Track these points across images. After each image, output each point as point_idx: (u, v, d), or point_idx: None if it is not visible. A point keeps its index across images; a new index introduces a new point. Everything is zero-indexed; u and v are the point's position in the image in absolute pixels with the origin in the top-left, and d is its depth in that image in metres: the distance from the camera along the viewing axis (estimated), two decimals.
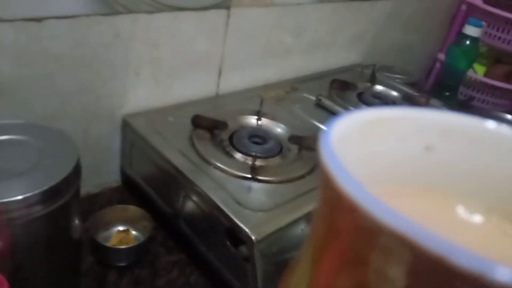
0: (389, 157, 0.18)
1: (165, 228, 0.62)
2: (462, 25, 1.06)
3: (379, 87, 0.92)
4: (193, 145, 0.60)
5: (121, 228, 0.60)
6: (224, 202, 0.50)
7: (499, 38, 1.16)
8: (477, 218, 0.18)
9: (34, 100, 0.54)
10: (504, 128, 0.18)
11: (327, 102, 0.78)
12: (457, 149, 0.18)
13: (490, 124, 0.18)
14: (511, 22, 1.11)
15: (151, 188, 0.63)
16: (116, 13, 0.56)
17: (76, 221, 0.48)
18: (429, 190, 0.18)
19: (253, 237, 0.47)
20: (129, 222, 0.61)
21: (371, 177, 0.16)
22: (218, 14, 0.67)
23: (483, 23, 1.02)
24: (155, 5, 0.58)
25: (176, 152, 0.58)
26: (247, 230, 0.47)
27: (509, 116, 1.09)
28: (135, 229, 0.61)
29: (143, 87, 0.64)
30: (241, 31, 0.72)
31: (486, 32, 1.17)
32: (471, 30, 1.02)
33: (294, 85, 0.85)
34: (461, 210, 0.18)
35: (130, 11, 0.57)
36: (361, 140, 0.16)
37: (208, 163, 0.57)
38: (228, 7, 0.67)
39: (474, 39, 1.03)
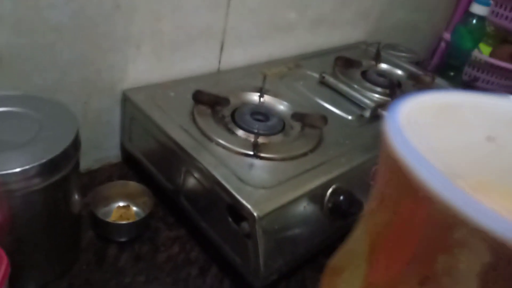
0: (454, 146, 0.16)
1: (166, 204, 0.61)
2: (469, 4, 1.04)
3: (383, 65, 0.90)
4: (194, 121, 0.59)
5: (121, 203, 0.60)
6: (226, 179, 0.50)
7: (507, 17, 1.13)
8: None
9: (34, 71, 0.53)
10: None
11: (331, 80, 0.77)
12: None
13: None
14: None
15: (151, 163, 0.62)
16: None
17: (76, 196, 0.47)
18: (490, 183, 0.17)
19: (255, 214, 0.46)
20: (130, 197, 0.60)
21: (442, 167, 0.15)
22: None
23: (491, 1, 1.00)
24: None
25: (177, 127, 0.57)
26: (249, 206, 0.47)
27: None
28: (136, 205, 0.60)
29: (144, 61, 0.63)
30: (244, 5, 0.70)
31: (493, 11, 1.15)
32: (478, 9, 1.00)
33: (298, 62, 0.83)
34: None
35: None
36: (431, 125, 0.15)
37: (210, 139, 0.56)
38: None
39: (481, 18, 1.01)
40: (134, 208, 0.60)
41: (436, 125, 0.15)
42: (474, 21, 1.01)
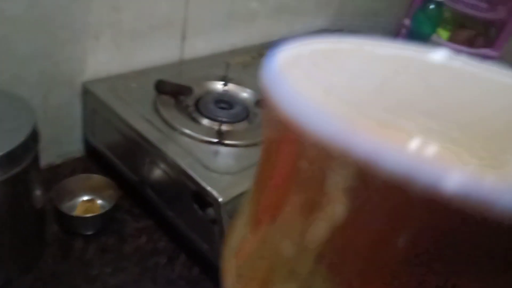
0: (344, 90, 0.16)
1: (132, 196, 0.61)
2: None
3: None
4: (157, 111, 0.58)
5: (86, 197, 0.59)
6: (191, 167, 0.50)
7: (463, 2, 1.17)
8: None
9: None
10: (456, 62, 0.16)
11: None
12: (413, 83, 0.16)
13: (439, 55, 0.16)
14: None
15: (115, 156, 0.62)
16: None
17: (38, 190, 0.47)
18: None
19: (219, 199, 0.47)
20: (94, 191, 0.59)
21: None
22: None
23: None
24: None
25: (140, 118, 0.57)
26: (214, 192, 0.47)
27: None
28: (101, 198, 0.60)
29: (104, 52, 0.62)
30: None
31: None
32: None
33: (261, 51, 0.84)
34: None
35: None
36: (312, 69, 0.15)
37: (174, 129, 0.56)
38: None
39: (438, 3, 1.04)
40: (99, 201, 0.60)
41: (322, 70, 0.15)
42: (432, 6, 1.04)
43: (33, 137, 0.42)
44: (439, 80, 0.17)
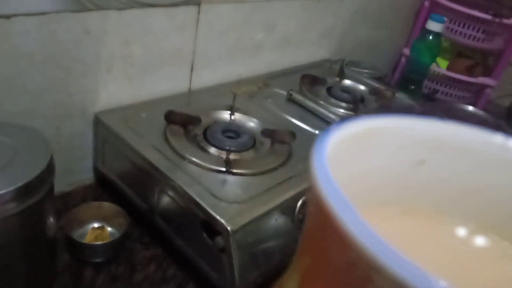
0: (380, 173, 0.16)
1: (141, 224, 0.62)
2: (425, 21, 1.10)
3: (347, 82, 0.94)
4: (167, 141, 0.60)
5: (96, 225, 0.60)
6: (200, 196, 0.51)
7: (460, 33, 1.20)
8: (480, 240, 0.16)
9: (5, 98, 0.54)
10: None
11: (298, 97, 0.80)
12: (453, 164, 0.16)
13: (497, 138, 0.15)
14: (472, 17, 1.16)
15: (125, 184, 0.63)
16: (86, 9, 0.56)
17: (51, 219, 0.48)
18: (421, 209, 0.17)
19: (229, 228, 0.48)
20: (104, 219, 0.61)
21: (363, 198, 0.14)
22: (188, 11, 0.67)
23: (445, 18, 1.06)
24: (125, 1, 0.59)
25: (150, 148, 0.58)
26: (223, 221, 0.48)
27: (470, 108, 1.14)
28: (111, 226, 0.61)
29: (115, 84, 0.64)
30: (211, 27, 0.73)
31: (448, 28, 1.22)
32: (433, 26, 1.06)
33: (266, 81, 0.86)
34: (461, 232, 0.16)
35: (100, 8, 0.57)
36: (353, 155, 0.15)
37: (183, 158, 0.57)
38: (198, 4, 0.68)
39: (436, 34, 1.07)
40: (109, 229, 0.61)
41: (361, 154, 0.15)
42: (431, 37, 1.07)
43: (49, 170, 0.44)
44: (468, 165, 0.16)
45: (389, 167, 0.16)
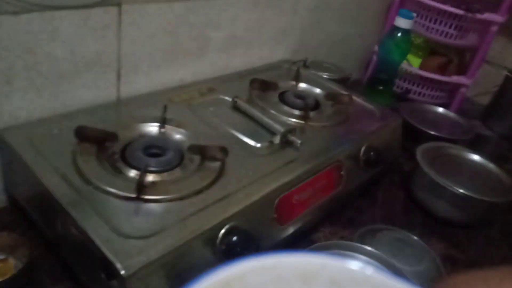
0: None
1: (53, 255, 0.55)
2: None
3: (303, 85, 0.87)
4: (74, 163, 0.53)
5: None
6: (96, 231, 0.44)
7: (433, 29, 1.13)
8: None
9: None
10: (368, 270, 0.17)
11: (242, 104, 0.72)
12: None
13: (354, 265, 0.17)
14: (443, 13, 1.09)
15: (34, 211, 0.56)
16: None
17: None
18: None
19: (122, 272, 0.41)
20: (7, 250, 0.53)
21: None
22: (106, 12, 0.59)
23: (414, 14, 0.98)
24: (21, 4, 0.51)
25: (53, 173, 0.51)
26: (117, 263, 0.41)
27: (440, 109, 1.07)
28: (16, 258, 0.53)
29: (20, 96, 0.57)
30: (138, 30, 0.65)
31: (419, 23, 1.14)
32: (402, 22, 0.98)
33: (212, 86, 0.79)
34: None
35: None
36: None
37: (88, 183, 0.50)
38: (118, 4, 0.60)
39: (406, 31, 1.00)
40: (14, 261, 0.53)
41: None
42: (399, 34, 1.00)
43: None
44: None
45: None
